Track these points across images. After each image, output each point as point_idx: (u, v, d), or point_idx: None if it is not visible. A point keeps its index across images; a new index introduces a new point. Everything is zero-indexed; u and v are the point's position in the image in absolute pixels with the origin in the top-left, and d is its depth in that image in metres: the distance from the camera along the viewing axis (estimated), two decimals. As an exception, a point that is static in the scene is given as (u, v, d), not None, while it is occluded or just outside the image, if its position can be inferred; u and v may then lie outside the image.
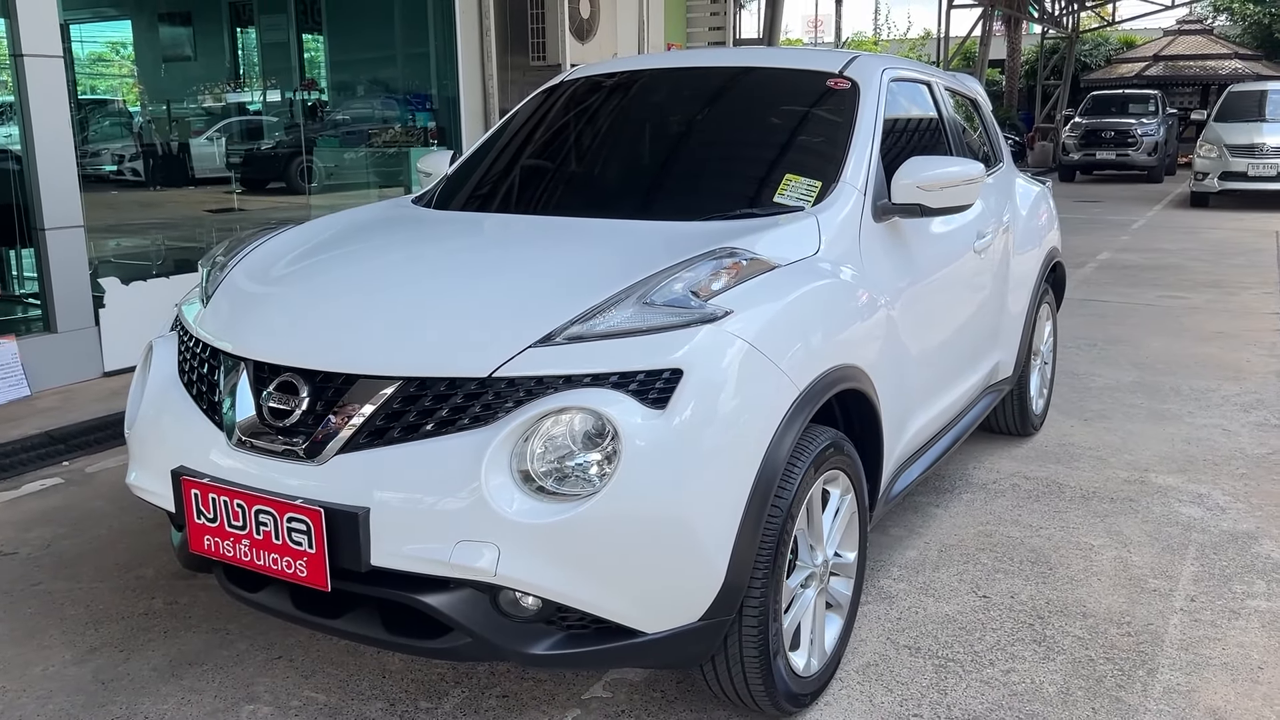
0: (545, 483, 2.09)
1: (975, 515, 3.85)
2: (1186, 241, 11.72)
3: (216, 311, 2.60)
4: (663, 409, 2.11)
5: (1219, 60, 27.16)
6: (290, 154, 8.56)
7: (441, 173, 3.67)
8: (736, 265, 2.39)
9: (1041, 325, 4.70)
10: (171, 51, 9.45)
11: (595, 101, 3.65)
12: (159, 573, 3.41)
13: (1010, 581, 3.31)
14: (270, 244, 2.90)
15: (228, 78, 9.26)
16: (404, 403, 2.16)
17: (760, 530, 2.24)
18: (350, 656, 2.86)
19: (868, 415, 2.76)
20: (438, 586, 2.15)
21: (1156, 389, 5.57)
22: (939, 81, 3.98)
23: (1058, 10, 25.62)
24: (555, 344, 2.18)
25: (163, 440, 2.47)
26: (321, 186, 8.00)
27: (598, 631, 2.20)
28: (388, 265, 2.67)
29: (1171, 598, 3.21)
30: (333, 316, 2.38)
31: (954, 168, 3.03)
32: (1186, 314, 7.62)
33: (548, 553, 2.07)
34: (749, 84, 3.51)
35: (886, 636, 2.97)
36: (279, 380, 2.27)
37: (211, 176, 8.51)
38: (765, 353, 2.28)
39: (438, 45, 8.16)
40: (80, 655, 2.90)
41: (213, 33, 9.37)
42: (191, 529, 2.32)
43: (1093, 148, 20.19)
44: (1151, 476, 4.25)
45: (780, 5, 10.76)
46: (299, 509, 2.14)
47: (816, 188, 2.95)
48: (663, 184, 3.21)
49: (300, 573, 2.17)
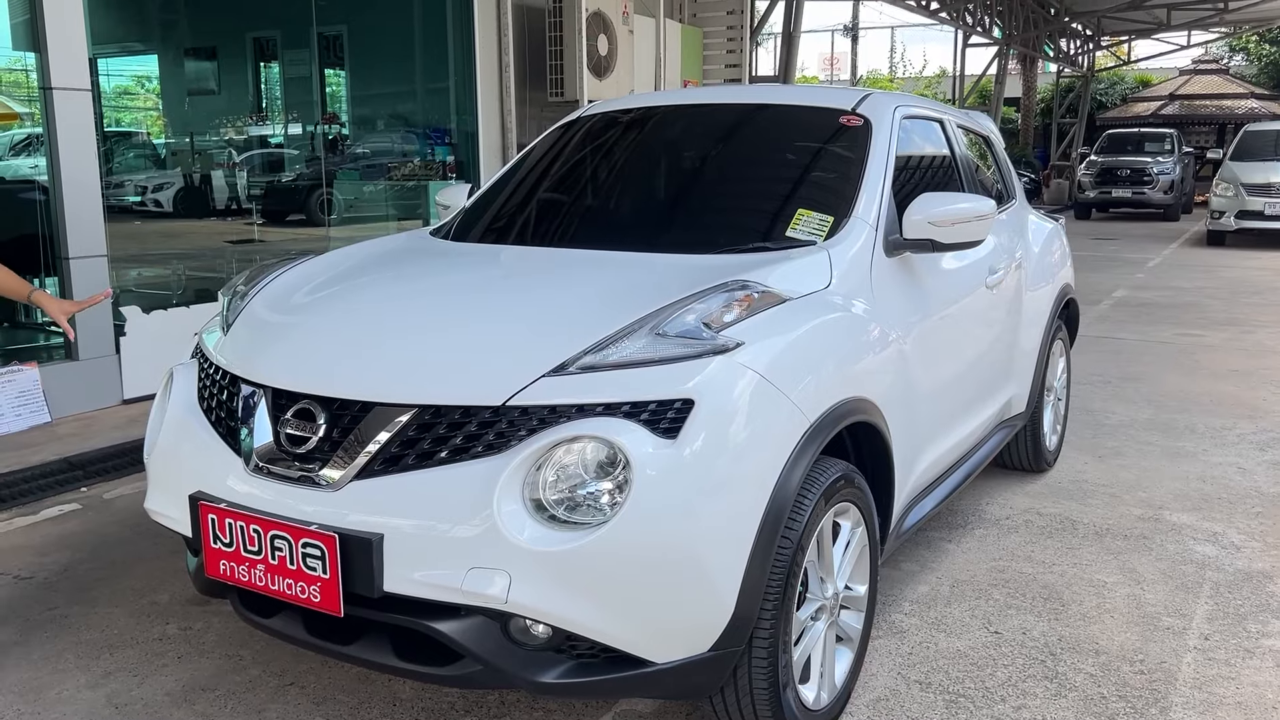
0: (557, 511, 2.11)
1: (988, 551, 3.84)
2: (1203, 279, 11.70)
3: (236, 339, 2.64)
4: (674, 439, 2.13)
5: (1235, 100, 27.21)
6: (310, 186, 8.67)
7: (459, 205, 3.73)
8: (748, 297, 2.42)
9: (1055, 361, 4.71)
10: (196, 85, 9.62)
11: (612, 137, 3.70)
12: (174, 598, 3.44)
13: (1022, 618, 3.30)
14: (289, 274, 2.95)
15: (250, 111, 9.41)
16: (419, 430, 2.19)
17: (770, 561, 2.26)
18: (361, 684, 2.87)
19: (879, 448, 2.77)
20: (449, 613, 2.17)
21: (1172, 426, 5.55)
22: (951, 119, 4.02)
23: (1073, 49, 25.76)
24: (568, 373, 2.21)
25: (181, 466, 2.51)
26: (341, 219, 8.10)
27: (607, 661, 2.21)
28: (405, 296, 2.71)
29: (1185, 636, 3.19)
30: (350, 345, 2.42)
31: (965, 204, 3.06)
32: (1202, 352, 7.59)
33: (558, 580, 2.08)
34: (762, 120, 3.56)
35: (897, 671, 2.96)
36: (296, 407, 2.31)
37: (233, 208, 8.64)
38: (776, 384, 2.30)
39: (457, 81, 8.28)
40: (95, 679, 2.92)
41: (237, 67, 9.54)
42: (208, 554, 2.35)
43: (1108, 185, 20.21)
44: (1166, 514, 4.23)
45: (796, 44, 10.87)
46: (314, 534, 2.17)
47: (829, 223, 2.98)
48: (676, 218, 3.25)
49: (314, 598, 2.20)
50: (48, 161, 5.36)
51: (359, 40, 8.74)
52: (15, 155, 8.68)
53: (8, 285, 3.09)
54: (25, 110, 8.96)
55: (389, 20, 8.78)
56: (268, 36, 9.26)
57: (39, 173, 6.04)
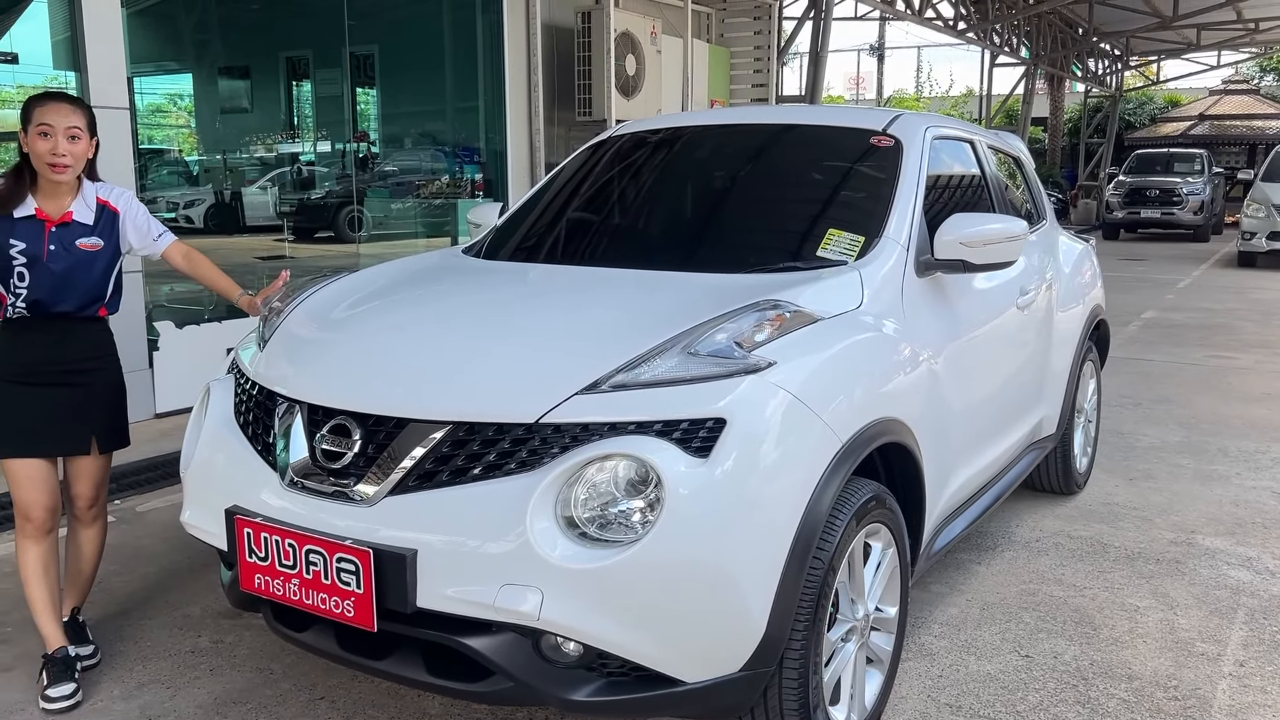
0: (589, 528, 2.12)
1: (1018, 573, 3.81)
2: (1233, 301, 11.59)
3: (272, 356, 2.67)
4: (706, 458, 2.14)
5: (1265, 120, 27.00)
6: (341, 204, 8.77)
7: (491, 224, 3.76)
8: (780, 317, 2.43)
9: (1085, 383, 4.68)
10: (229, 103, 9.77)
11: (642, 156, 3.73)
12: (205, 611, 3.46)
13: (1053, 641, 3.27)
14: (324, 292, 2.98)
15: (282, 129, 9.53)
16: (453, 446, 2.21)
17: (802, 582, 2.25)
18: (390, 699, 2.88)
19: (910, 469, 2.77)
20: (481, 630, 2.18)
21: (1204, 449, 5.50)
22: (981, 139, 4.02)
23: (1101, 69, 25.65)
24: (601, 391, 2.22)
25: (217, 480, 2.53)
26: (370, 235, 8.17)
27: (638, 679, 2.21)
28: (438, 313, 2.73)
29: (1220, 662, 3.15)
30: (385, 362, 2.45)
31: (996, 225, 3.06)
32: (1234, 374, 7.52)
33: (590, 598, 2.09)
34: (793, 141, 3.57)
35: (927, 694, 2.94)
36: (332, 423, 2.33)
37: (264, 224, 8.75)
38: (808, 404, 2.30)
39: (487, 100, 8.35)
40: (128, 691, 2.95)
41: (269, 85, 9.68)
42: (243, 567, 2.37)
43: (1137, 206, 20.08)
44: (1199, 538, 4.19)
45: (823, 63, 10.90)
46: (348, 549, 2.18)
47: (859, 243, 2.98)
48: (708, 237, 3.27)
49: (348, 613, 2.21)
50: (89, 178, 5.43)
51: (390, 60, 8.85)
52: None
53: (220, 285, 3.29)
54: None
55: (420, 40, 8.88)
56: (300, 56, 9.40)
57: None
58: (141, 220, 3.07)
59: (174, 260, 3.17)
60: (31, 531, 2.96)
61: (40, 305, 2.87)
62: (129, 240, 3.05)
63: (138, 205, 3.09)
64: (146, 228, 3.08)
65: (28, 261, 2.83)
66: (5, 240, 2.82)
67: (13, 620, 3.40)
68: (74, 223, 2.91)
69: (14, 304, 2.86)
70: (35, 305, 2.87)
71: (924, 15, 14.23)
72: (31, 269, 2.84)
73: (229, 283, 3.28)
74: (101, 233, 2.95)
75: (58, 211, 2.89)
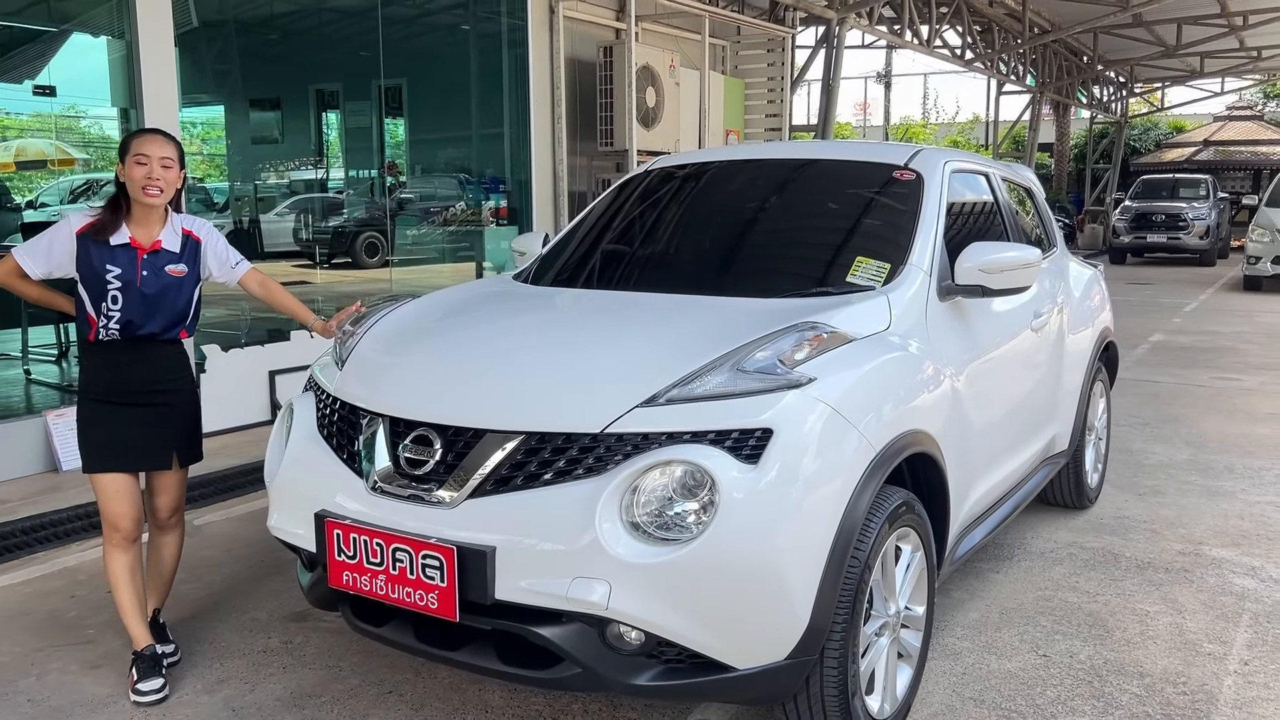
0: (649, 528, 2.35)
1: (1034, 581, 4.03)
2: (1240, 325, 11.80)
3: (352, 374, 2.92)
4: (755, 464, 2.37)
5: (1270, 146, 27.28)
6: (372, 231, 9.06)
7: (535, 252, 4.02)
8: (818, 337, 2.67)
9: (1095, 402, 4.90)
10: (260, 134, 10.09)
11: (679, 189, 3.98)
12: (272, 615, 3.69)
13: (1069, 643, 3.48)
14: (393, 316, 3.22)
15: (313, 159, 9.84)
16: (526, 454, 2.45)
17: (841, 578, 2.48)
18: (455, 693, 3.11)
19: (935, 479, 3.00)
20: (551, 620, 2.41)
21: (1210, 467, 5.71)
22: (995, 171, 4.27)
23: (1106, 96, 25.98)
24: (659, 404, 2.46)
25: (306, 487, 2.77)
26: (400, 261, 8.45)
27: (693, 666, 2.43)
28: (505, 333, 2.99)
29: (1225, 661, 3.36)
30: (461, 379, 2.69)
31: (1013, 253, 3.30)
32: (1240, 395, 7.73)
33: (652, 590, 2.32)
34: (821, 174, 3.83)
35: (952, 689, 3.16)
36: (415, 434, 2.57)
37: (297, 251, 9.03)
38: (846, 416, 2.54)
39: (512, 131, 8.64)
40: (210, 686, 3.18)
41: (300, 116, 10.00)
42: (331, 566, 2.60)
43: (1143, 231, 20.33)
44: (1205, 549, 4.40)
45: (835, 94, 11.19)
46: (433, 547, 2.42)
47: (885, 269, 3.23)
48: (743, 264, 3.51)
49: (431, 605, 2.45)
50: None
51: (418, 93, 9.16)
52: (74, 200, 9.15)
53: (296, 311, 3.54)
54: (82, 156, 9.45)
55: (447, 73, 9.20)
56: (331, 89, 9.72)
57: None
58: (221, 249, 3.32)
59: (250, 287, 3.41)
60: (119, 540, 3.19)
61: (131, 327, 3.12)
62: (209, 267, 3.30)
63: (218, 235, 3.34)
64: (226, 256, 3.34)
65: (122, 286, 3.09)
66: (102, 265, 3.08)
67: (94, 623, 3.63)
68: (163, 250, 3.16)
69: (106, 326, 3.11)
70: (126, 327, 3.11)
71: (932, 46, 14.55)
72: (125, 293, 3.09)
73: (303, 309, 3.52)
74: (186, 259, 3.21)
75: (148, 239, 3.15)
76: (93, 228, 3.09)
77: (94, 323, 3.11)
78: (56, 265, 3.13)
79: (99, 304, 3.09)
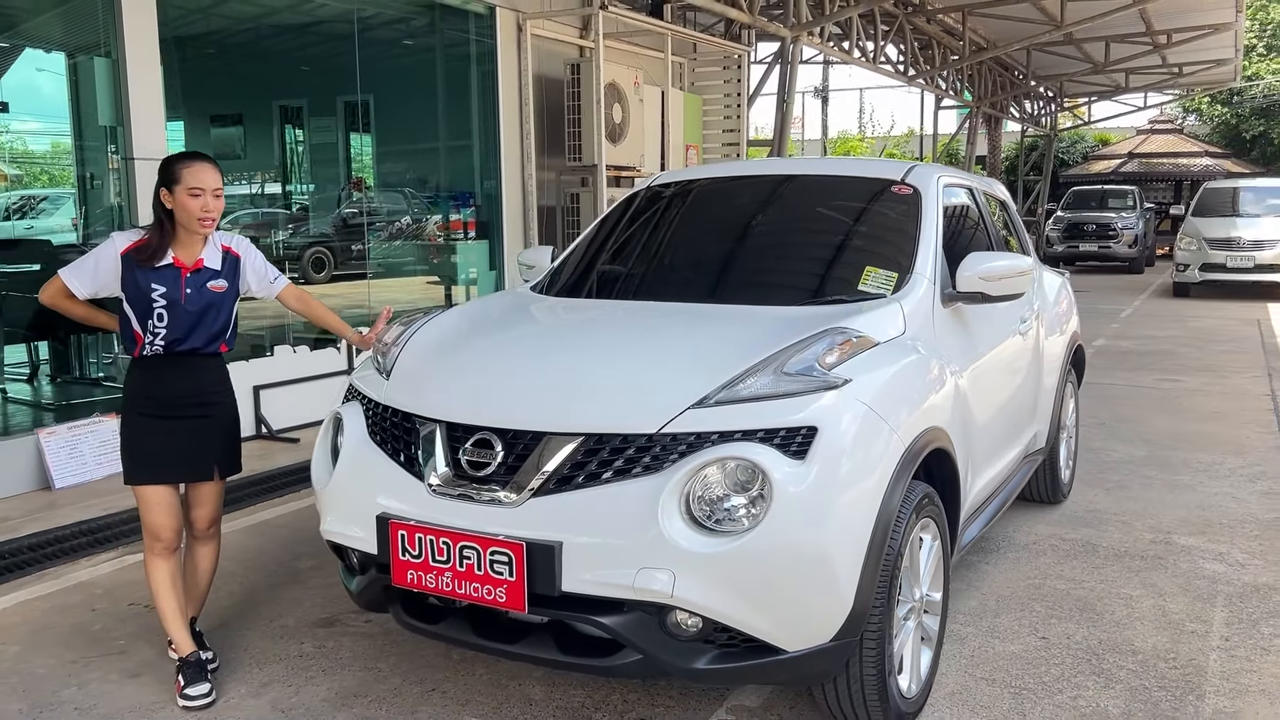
0: (707, 521, 2.52)
1: (1023, 571, 4.27)
2: (1174, 329, 12.33)
3: (401, 383, 3.03)
4: (802, 460, 2.55)
5: (1190, 158, 28.37)
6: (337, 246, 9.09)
7: (544, 265, 4.17)
8: (848, 342, 2.86)
9: (1066, 402, 5.18)
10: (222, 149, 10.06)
11: (696, 203, 4.17)
12: (299, 622, 3.78)
13: (1064, 625, 3.72)
14: (430, 327, 3.34)
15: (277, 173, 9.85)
16: (585, 455, 2.60)
17: (880, 565, 2.67)
18: (497, 689, 3.23)
19: (948, 472, 3.20)
20: (613, 610, 2.56)
21: (1167, 462, 6.04)
22: (977, 186, 4.52)
23: (1036, 110, 26.83)
24: (709, 405, 2.63)
25: (363, 492, 2.88)
26: (374, 276, 8.49)
27: (746, 649, 2.60)
28: (550, 341, 3.14)
29: (1208, 638, 3.62)
30: (516, 385, 2.83)
31: (1009, 261, 3.54)
32: (1185, 395, 8.13)
33: (712, 578, 2.48)
34: (827, 189, 4.04)
35: (964, 670, 3.37)
36: (476, 438, 2.71)
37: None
38: (880, 414, 2.73)
39: (481, 147, 8.76)
40: (254, 690, 3.26)
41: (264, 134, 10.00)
42: (395, 565, 2.72)
43: (1076, 240, 21.04)
44: (1174, 538, 4.69)
45: (790, 109, 11.49)
46: (502, 543, 2.56)
47: (894, 278, 3.44)
48: (764, 274, 3.69)
49: (500, 598, 2.58)
50: (128, 225, 5.72)
51: (386, 108, 9.23)
52: (7, 219, 9.07)
53: (333, 324, 3.64)
54: (14, 173, 9.35)
55: (417, 91, 9.28)
56: (296, 105, 9.74)
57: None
58: (260, 265, 3.41)
59: (288, 302, 3.51)
60: (161, 550, 3.26)
61: (176, 343, 3.20)
62: (248, 283, 3.39)
63: (256, 251, 3.43)
64: (264, 272, 3.42)
65: (167, 304, 3.17)
66: (147, 285, 3.15)
67: (122, 635, 3.68)
68: (205, 268, 3.25)
69: (151, 343, 3.19)
70: (171, 343, 3.19)
71: (877, 62, 14.98)
72: (170, 310, 3.17)
73: (340, 322, 3.62)
74: (227, 275, 3.30)
75: (191, 259, 3.23)
76: (137, 250, 3.17)
77: (140, 339, 3.19)
78: (102, 285, 3.20)
79: (145, 321, 3.17)
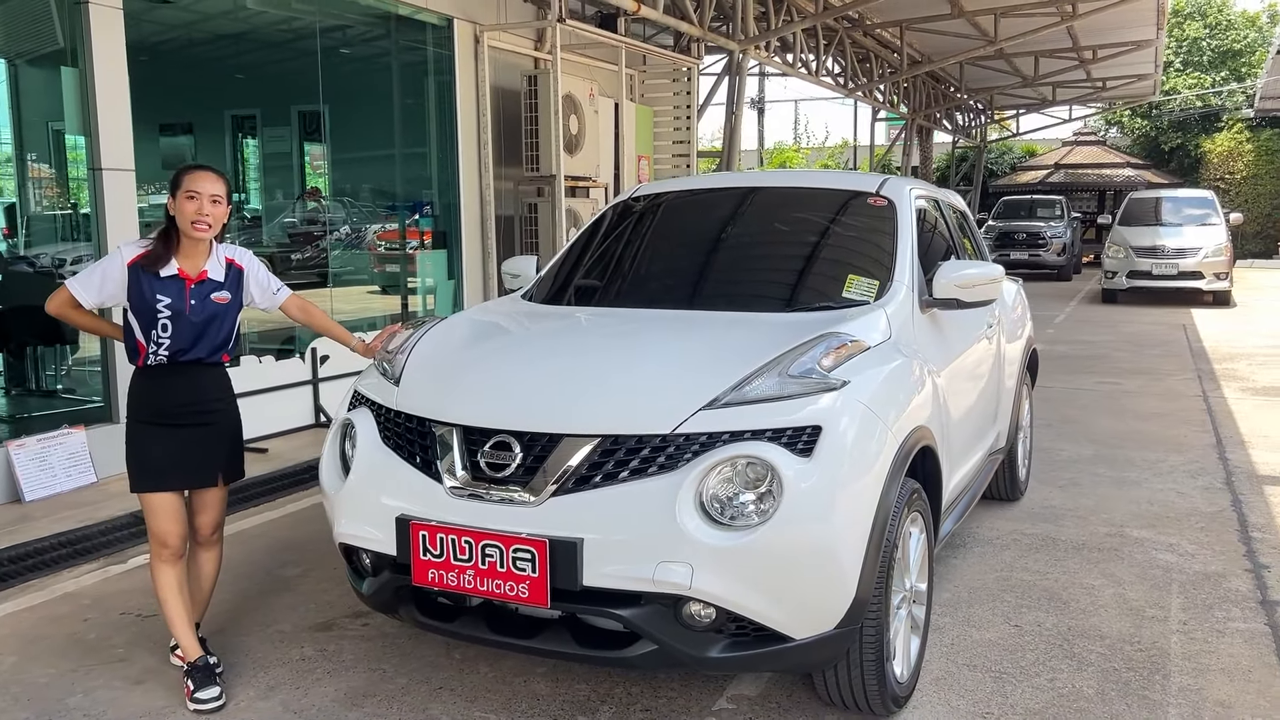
0: (721, 517, 2.65)
1: (990, 564, 4.48)
2: (1107, 334, 12.81)
3: (412, 389, 3.12)
4: (809, 457, 2.70)
5: (1113, 169, 29.37)
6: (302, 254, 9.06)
7: (529, 274, 4.28)
8: (844, 346, 3.02)
9: (1022, 403, 5.42)
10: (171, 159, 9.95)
11: (678, 213, 4.31)
12: (296, 627, 3.82)
13: (1035, 614, 3.92)
14: (433, 334, 3.42)
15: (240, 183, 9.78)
16: (603, 455, 2.72)
17: (879, 556, 2.83)
18: (503, 685, 3.32)
19: (931, 468, 3.38)
20: (630, 603, 2.68)
21: (1114, 460, 6.33)
22: (942, 197, 4.74)
23: (967, 122, 27.58)
24: (719, 407, 2.77)
25: (381, 495, 2.96)
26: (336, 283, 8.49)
27: (756, 638, 2.74)
28: (560, 348, 3.25)
29: (1167, 623, 3.85)
30: (531, 389, 2.94)
31: (981, 269, 3.74)
32: (1124, 397, 8.49)
33: (728, 571, 2.62)
34: (805, 200, 4.21)
35: (946, 657, 3.55)
36: (493, 440, 2.81)
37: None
38: (877, 413, 2.90)
39: (439, 157, 8.81)
40: (262, 692, 3.30)
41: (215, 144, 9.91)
42: (416, 565, 2.81)
43: (1007, 248, 21.64)
44: (1128, 531, 4.94)
45: (739, 120, 11.72)
46: (524, 541, 2.66)
47: (875, 285, 3.62)
48: (755, 282, 3.85)
49: (522, 594, 2.68)
50: (95, 236, 5.68)
51: (343, 119, 9.22)
52: None
53: (336, 334, 3.68)
54: None
55: (374, 101, 9.29)
56: (249, 115, 9.69)
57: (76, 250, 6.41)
58: (263, 276, 3.47)
59: (291, 312, 3.56)
60: (167, 556, 3.29)
61: (180, 353, 3.24)
62: (252, 294, 3.44)
63: (259, 263, 3.48)
64: (267, 283, 3.48)
65: (172, 315, 3.21)
66: (153, 295, 3.19)
67: (120, 643, 3.69)
68: (209, 279, 3.29)
69: (155, 353, 3.22)
70: (176, 353, 3.24)
71: (819, 75, 15.33)
72: (175, 321, 3.21)
73: (344, 331, 3.68)
74: (230, 287, 3.35)
75: (195, 270, 3.28)
76: (144, 259, 3.21)
77: (143, 349, 3.22)
78: (109, 295, 3.24)
79: (149, 332, 3.21)
